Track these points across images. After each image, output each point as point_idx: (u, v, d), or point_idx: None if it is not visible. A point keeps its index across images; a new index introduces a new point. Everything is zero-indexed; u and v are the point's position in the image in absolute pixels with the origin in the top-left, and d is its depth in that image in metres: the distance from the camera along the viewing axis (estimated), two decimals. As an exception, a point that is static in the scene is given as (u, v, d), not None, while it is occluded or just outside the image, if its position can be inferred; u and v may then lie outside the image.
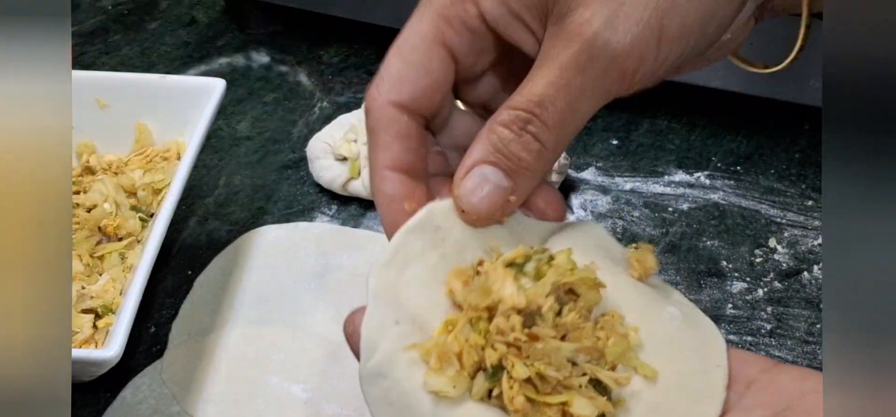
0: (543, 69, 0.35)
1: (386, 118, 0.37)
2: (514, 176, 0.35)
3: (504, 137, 0.35)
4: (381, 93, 0.37)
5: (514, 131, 0.35)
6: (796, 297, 0.60)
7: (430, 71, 0.37)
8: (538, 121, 0.34)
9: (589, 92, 0.34)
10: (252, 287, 0.61)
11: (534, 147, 0.35)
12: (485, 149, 0.35)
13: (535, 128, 0.34)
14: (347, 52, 0.84)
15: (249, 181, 0.70)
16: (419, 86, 0.36)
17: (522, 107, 0.34)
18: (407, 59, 0.37)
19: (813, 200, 0.67)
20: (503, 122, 0.35)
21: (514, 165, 0.35)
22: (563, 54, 0.34)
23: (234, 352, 0.57)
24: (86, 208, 0.61)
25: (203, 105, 0.62)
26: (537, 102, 0.34)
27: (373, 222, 0.67)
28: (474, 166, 0.35)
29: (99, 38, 0.86)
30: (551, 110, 0.34)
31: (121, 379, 0.55)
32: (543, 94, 0.34)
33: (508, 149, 0.35)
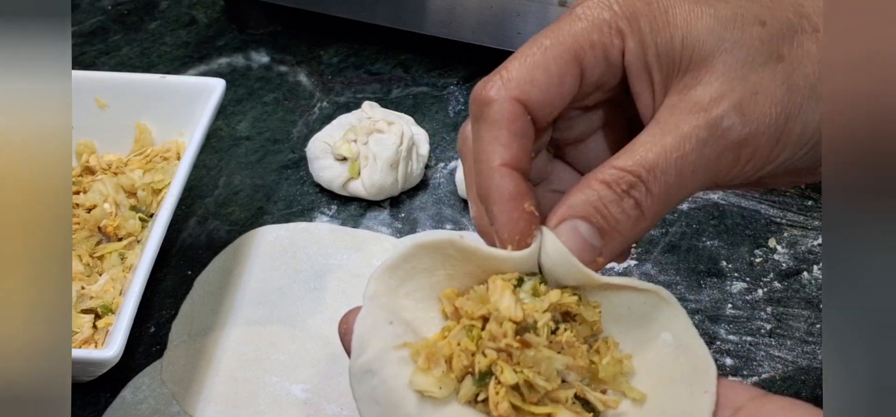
0: (658, 135, 0.33)
1: (510, 113, 0.34)
2: (606, 236, 0.34)
3: (604, 195, 0.33)
4: (509, 87, 0.34)
5: (617, 192, 0.33)
6: (796, 297, 0.60)
7: (563, 83, 0.35)
8: (644, 187, 0.33)
9: (700, 171, 0.33)
10: (252, 287, 0.61)
11: (633, 212, 0.33)
12: (582, 202, 0.33)
13: (638, 195, 0.33)
14: (347, 52, 0.84)
15: (249, 181, 0.70)
16: (549, 95, 0.35)
17: (630, 170, 0.33)
18: (543, 63, 0.35)
19: (813, 200, 0.67)
20: (606, 181, 0.33)
21: (608, 226, 0.33)
22: (684, 126, 0.33)
23: (234, 352, 0.57)
24: (86, 208, 0.61)
25: (203, 105, 0.62)
26: (648, 168, 0.33)
27: (372, 222, 0.67)
28: (569, 216, 0.34)
29: (99, 38, 0.86)
30: (660, 179, 0.33)
31: (121, 379, 0.55)
32: (655, 162, 0.33)
33: (607, 209, 0.33)
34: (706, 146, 0.33)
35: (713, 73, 0.33)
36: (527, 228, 0.34)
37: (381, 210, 0.67)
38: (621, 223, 0.33)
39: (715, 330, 0.58)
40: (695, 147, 0.33)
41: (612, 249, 0.34)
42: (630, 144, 0.34)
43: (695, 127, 0.33)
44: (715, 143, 0.33)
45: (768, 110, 0.33)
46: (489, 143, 0.35)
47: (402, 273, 0.34)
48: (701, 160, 0.33)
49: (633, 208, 0.33)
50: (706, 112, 0.33)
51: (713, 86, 0.33)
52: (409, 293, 0.34)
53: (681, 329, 0.35)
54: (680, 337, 0.35)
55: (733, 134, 0.33)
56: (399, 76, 0.81)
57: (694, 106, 0.33)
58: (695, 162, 0.33)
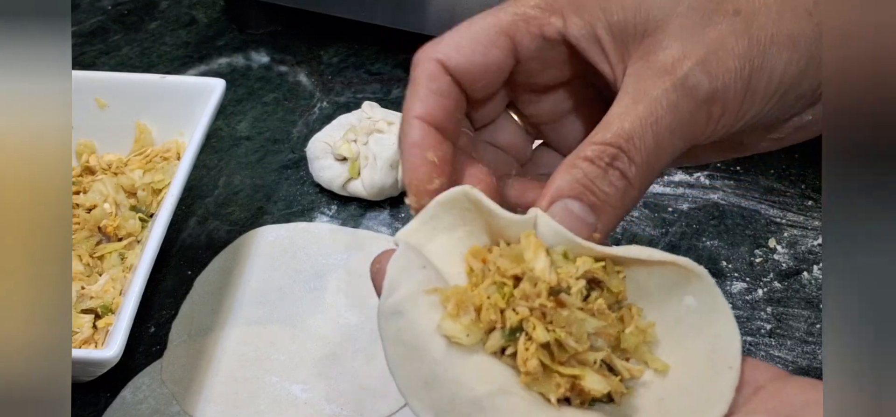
0: (630, 104, 0.34)
1: (430, 72, 0.37)
2: (598, 211, 0.34)
3: (590, 172, 0.34)
4: (434, 51, 0.37)
5: (601, 166, 0.34)
6: (796, 297, 0.60)
7: (488, 53, 0.36)
8: (625, 157, 0.34)
9: (677, 131, 0.34)
10: (252, 287, 0.61)
11: (620, 184, 0.34)
12: (569, 181, 0.34)
13: (622, 165, 0.34)
14: (347, 52, 0.84)
15: (249, 181, 0.70)
16: (472, 61, 0.36)
17: (610, 142, 0.34)
18: (471, 33, 0.37)
19: (813, 200, 0.67)
20: (589, 157, 0.34)
21: (599, 201, 0.34)
22: (653, 91, 0.34)
23: (234, 352, 0.57)
24: (86, 208, 0.61)
25: (203, 105, 0.62)
26: (626, 138, 0.34)
27: (372, 222, 0.67)
28: (558, 197, 0.34)
29: (99, 38, 0.86)
30: (639, 146, 0.34)
31: (121, 379, 0.55)
32: (632, 130, 0.34)
33: (594, 185, 0.34)
34: (678, 107, 0.34)
35: (672, 36, 0.34)
36: (426, 176, 0.35)
37: (381, 210, 0.67)
38: (611, 195, 0.34)
39: (715, 330, 0.58)
40: (667, 109, 0.34)
41: (606, 223, 0.35)
42: (605, 119, 0.35)
43: (664, 90, 0.34)
44: (685, 103, 0.34)
45: (732, 64, 0.34)
46: (409, 98, 0.37)
47: (426, 231, 0.35)
48: (675, 121, 0.34)
49: (619, 179, 0.34)
50: (672, 74, 0.34)
51: (674, 48, 0.34)
52: (433, 251, 0.35)
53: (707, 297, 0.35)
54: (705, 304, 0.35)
55: (701, 91, 0.34)
56: (399, 76, 0.81)
57: (659, 70, 0.34)
58: (670, 124, 0.34)
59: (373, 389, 0.55)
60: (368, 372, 0.56)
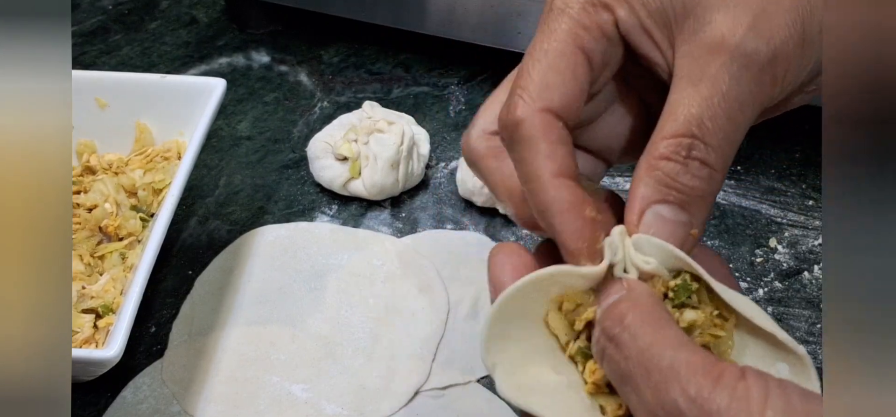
0: (690, 88, 0.33)
1: (543, 125, 0.34)
2: (689, 208, 0.33)
3: (670, 171, 0.32)
4: (531, 102, 0.34)
5: (679, 160, 0.32)
6: (796, 297, 0.60)
7: (577, 76, 0.34)
8: (701, 143, 0.32)
9: (747, 103, 0.33)
10: (252, 287, 0.61)
11: (703, 172, 0.32)
12: (653, 187, 0.33)
13: (699, 153, 0.32)
14: (347, 52, 0.84)
15: (250, 181, 0.70)
16: (569, 93, 0.34)
17: (682, 133, 0.32)
18: (552, 65, 0.34)
19: (813, 200, 0.67)
20: (664, 155, 0.32)
21: (687, 197, 0.33)
22: (710, 68, 0.32)
23: (235, 352, 0.57)
24: (86, 208, 0.61)
25: (203, 105, 0.62)
26: (697, 123, 0.32)
27: (373, 222, 0.67)
28: (646, 207, 0.33)
29: (99, 38, 0.86)
30: (712, 128, 0.32)
31: (121, 379, 0.55)
32: (700, 114, 0.32)
33: (678, 182, 0.32)
34: (741, 78, 0.32)
35: (715, 9, 0.33)
36: (593, 235, 0.33)
37: (382, 209, 0.67)
38: (697, 187, 0.33)
39: (715, 330, 0.58)
40: (730, 84, 0.32)
41: (700, 217, 0.33)
42: (668, 109, 0.33)
43: (722, 64, 0.32)
44: (747, 73, 0.32)
45: (783, 19, 0.33)
46: (533, 160, 0.34)
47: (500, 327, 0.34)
48: (742, 92, 0.32)
49: (700, 168, 0.33)
50: (726, 46, 0.32)
51: (721, 19, 0.33)
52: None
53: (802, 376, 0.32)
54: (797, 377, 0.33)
55: (761, 56, 0.32)
56: (399, 76, 0.81)
57: (711, 47, 0.33)
58: (737, 96, 0.32)
59: (373, 389, 0.55)
60: (368, 372, 0.56)
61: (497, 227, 0.66)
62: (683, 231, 0.33)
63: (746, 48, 0.32)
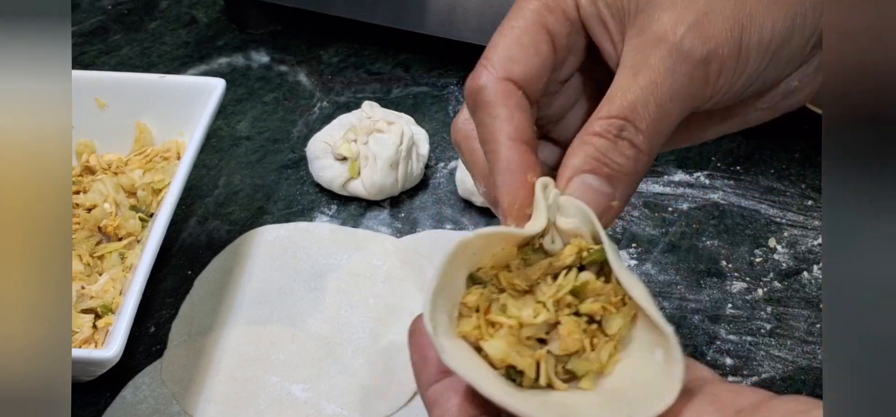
0: (630, 76, 0.36)
1: (503, 92, 0.37)
2: (613, 181, 0.36)
3: (600, 146, 0.36)
4: (494, 71, 0.37)
5: (610, 138, 0.35)
6: (796, 297, 0.60)
7: (539, 52, 0.37)
8: (632, 126, 0.35)
9: (678, 95, 0.36)
10: (252, 287, 0.61)
11: (630, 152, 0.36)
12: (583, 158, 0.36)
13: (629, 134, 0.35)
14: (347, 52, 0.84)
15: (249, 181, 0.70)
16: (531, 66, 0.37)
17: (615, 115, 0.35)
18: (517, 40, 0.37)
19: (813, 200, 0.67)
20: (597, 132, 0.36)
21: (612, 171, 0.36)
22: (651, 59, 0.35)
23: (234, 352, 0.57)
24: (86, 208, 0.61)
25: (203, 105, 0.62)
26: (630, 108, 0.35)
27: (372, 222, 0.67)
28: (575, 174, 0.36)
29: (99, 38, 0.86)
30: (643, 114, 0.35)
31: (121, 379, 0.55)
32: (635, 100, 0.35)
33: (606, 156, 0.36)
34: (675, 72, 0.35)
35: (663, 7, 0.36)
36: (527, 199, 0.36)
37: (381, 209, 0.67)
38: (623, 164, 0.36)
39: (715, 330, 0.58)
40: (665, 75, 0.35)
41: (623, 191, 0.36)
42: (608, 94, 0.36)
43: (660, 57, 0.35)
44: (681, 66, 0.35)
45: (722, 25, 0.36)
46: (491, 123, 0.37)
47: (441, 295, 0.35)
48: (675, 85, 0.35)
49: (628, 148, 0.36)
50: (666, 41, 0.35)
51: (666, 17, 0.36)
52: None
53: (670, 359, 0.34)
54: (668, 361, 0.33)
55: (696, 53, 0.35)
56: (399, 76, 0.81)
57: (654, 39, 0.36)
58: (670, 88, 0.35)
59: (373, 389, 0.55)
60: (368, 372, 0.56)
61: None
62: (605, 200, 0.36)
63: (684, 45, 0.35)
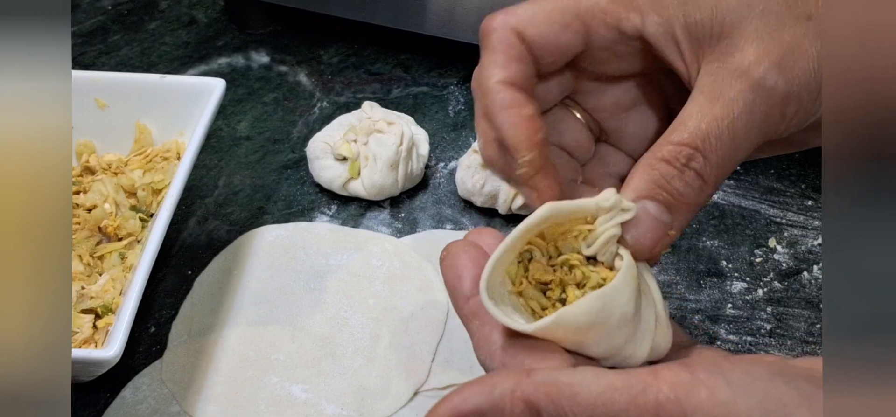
0: (706, 104, 0.35)
1: (507, 40, 0.37)
2: (674, 211, 0.35)
3: (666, 173, 0.35)
4: (508, 19, 0.37)
5: (677, 167, 0.35)
6: (796, 297, 0.60)
7: (562, 35, 0.37)
8: (701, 157, 0.35)
9: (753, 131, 0.35)
10: (252, 287, 0.61)
11: (696, 184, 0.35)
12: (647, 182, 0.35)
13: (698, 165, 0.35)
14: (347, 52, 0.84)
15: (249, 181, 0.70)
16: (546, 36, 0.37)
17: (687, 143, 0.35)
18: (546, 9, 0.37)
19: (813, 200, 0.67)
20: (665, 158, 0.35)
21: (675, 201, 0.35)
22: (729, 92, 0.35)
23: (234, 352, 0.57)
24: (86, 208, 0.61)
25: (203, 105, 0.62)
26: (702, 138, 0.34)
27: (372, 222, 0.67)
28: (637, 198, 0.35)
29: (99, 38, 0.86)
30: (715, 146, 0.35)
31: (121, 379, 0.55)
32: (708, 130, 0.34)
33: (671, 185, 0.35)
34: (754, 107, 0.34)
35: (748, 39, 0.35)
36: (530, 129, 0.36)
37: (381, 210, 0.67)
38: (686, 195, 0.35)
39: (715, 330, 0.58)
40: (743, 110, 0.34)
41: (681, 221, 0.36)
42: (680, 118, 0.35)
43: (740, 91, 0.34)
44: (762, 104, 0.34)
45: (806, 65, 0.35)
46: (489, 66, 0.37)
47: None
48: (751, 121, 0.35)
49: (694, 179, 0.35)
50: (748, 75, 0.34)
51: (751, 50, 0.35)
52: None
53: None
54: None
55: (777, 92, 0.34)
56: (399, 76, 0.81)
57: (735, 71, 0.35)
58: (746, 124, 0.35)
59: (373, 389, 0.55)
60: (368, 372, 0.56)
61: (496, 227, 0.66)
62: (662, 229, 0.35)
63: (767, 82, 0.34)
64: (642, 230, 0.35)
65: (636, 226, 0.35)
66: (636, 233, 0.35)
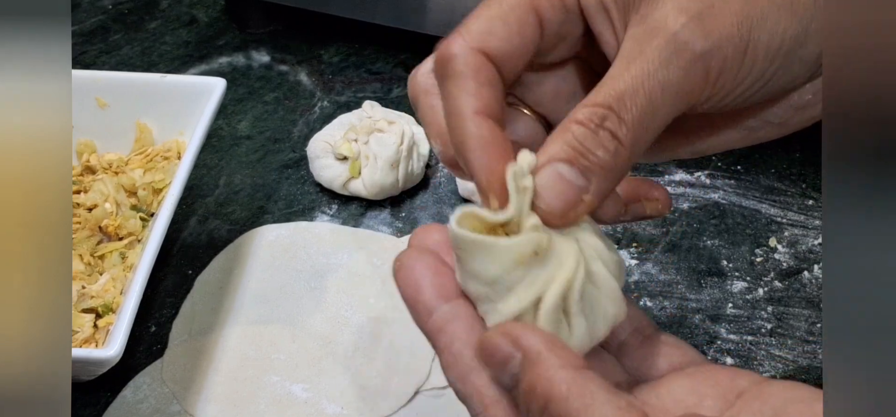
0: (623, 65, 0.33)
1: (474, 64, 0.34)
2: (588, 174, 0.33)
3: (579, 134, 0.33)
4: (468, 40, 0.35)
5: (591, 128, 0.33)
6: (796, 297, 0.60)
7: (522, 33, 0.35)
8: (616, 117, 0.33)
9: (671, 90, 0.33)
10: (252, 286, 0.61)
11: (610, 145, 0.33)
12: (559, 145, 0.33)
13: (612, 125, 0.33)
14: (347, 52, 0.84)
15: (250, 180, 0.70)
16: (509, 44, 0.35)
17: (600, 103, 0.33)
18: (501, 16, 0.35)
19: (813, 200, 0.67)
20: (579, 120, 0.33)
21: (589, 163, 0.33)
22: (646, 49, 0.33)
23: (235, 352, 0.57)
24: (86, 208, 0.61)
25: (203, 104, 0.62)
26: (616, 97, 0.33)
27: (373, 221, 0.67)
28: (548, 163, 0.33)
29: (99, 38, 0.86)
30: (630, 106, 0.33)
31: (121, 379, 0.55)
32: (623, 90, 0.33)
33: (583, 147, 0.33)
34: (670, 63, 0.33)
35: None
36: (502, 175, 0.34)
37: (382, 209, 0.68)
38: (600, 156, 0.33)
39: (715, 330, 0.58)
40: (658, 66, 0.33)
41: (598, 185, 0.34)
42: (600, 82, 0.34)
43: (655, 47, 0.33)
44: (678, 59, 0.33)
45: (728, 19, 0.33)
46: (458, 96, 0.35)
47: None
48: (669, 78, 0.33)
49: (609, 140, 0.33)
50: (664, 30, 0.33)
51: (668, 6, 0.33)
52: None
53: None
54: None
55: (696, 46, 0.33)
56: (400, 75, 0.81)
57: (653, 29, 0.33)
58: (662, 81, 0.33)
59: (373, 389, 0.55)
60: (368, 372, 0.56)
61: (497, 227, 0.66)
62: (576, 193, 0.34)
63: (682, 36, 0.33)
64: (551, 194, 0.33)
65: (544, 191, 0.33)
66: (545, 198, 0.33)
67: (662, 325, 0.58)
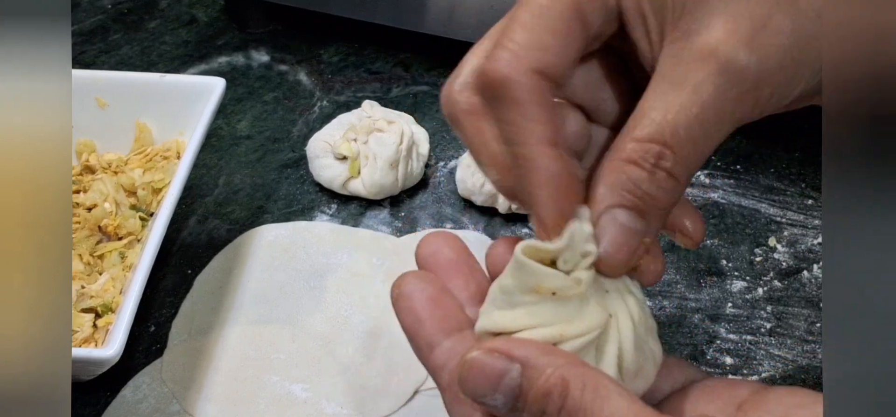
0: (671, 92, 0.31)
1: (533, 88, 0.32)
2: (647, 216, 0.32)
3: (635, 177, 0.31)
4: (522, 59, 0.32)
5: (647, 168, 0.31)
6: (796, 296, 0.60)
7: (572, 42, 0.32)
8: (671, 153, 0.31)
9: (725, 119, 0.31)
10: (252, 286, 0.61)
11: (668, 184, 0.31)
12: (614, 189, 0.31)
13: (668, 164, 0.31)
14: (347, 52, 0.84)
15: (249, 180, 0.70)
16: (564, 57, 0.32)
17: (653, 139, 0.31)
18: (549, 25, 0.32)
19: (813, 199, 0.67)
20: (631, 159, 0.31)
21: (647, 205, 0.31)
22: (697, 75, 0.31)
23: (234, 351, 0.57)
24: (86, 207, 0.61)
25: (203, 104, 0.62)
26: (670, 132, 0.31)
27: (372, 221, 0.67)
28: (604, 209, 0.31)
29: (99, 38, 0.86)
30: (685, 140, 0.31)
31: (121, 378, 0.55)
32: (675, 122, 0.30)
33: (640, 189, 0.31)
34: (724, 93, 0.31)
35: (714, 15, 0.31)
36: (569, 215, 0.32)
37: (381, 209, 0.68)
38: (659, 198, 0.31)
39: (715, 329, 0.58)
40: (713, 96, 0.30)
41: (656, 226, 0.32)
42: (641, 108, 0.32)
43: (708, 74, 0.30)
44: (732, 88, 0.31)
45: (779, 41, 0.31)
46: (522, 125, 0.32)
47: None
48: (723, 107, 0.31)
49: (666, 179, 0.31)
50: (716, 56, 0.30)
51: (717, 28, 0.31)
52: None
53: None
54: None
55: (750, 74, 0.31)
56: (399, 75, 0.81)
57: (701, 52, 0.31)
58: (717, 112, 0.31)
59: (373, 388, 0.55)
60: (368, 372, 0.56)
61: (496, 227, 0.66)
62: (636, 239, 0.32)
63: (736, 63, 0.31)
64: (613, 245, 0.31)
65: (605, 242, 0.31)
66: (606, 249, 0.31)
67: (662, 325, 0.58)
